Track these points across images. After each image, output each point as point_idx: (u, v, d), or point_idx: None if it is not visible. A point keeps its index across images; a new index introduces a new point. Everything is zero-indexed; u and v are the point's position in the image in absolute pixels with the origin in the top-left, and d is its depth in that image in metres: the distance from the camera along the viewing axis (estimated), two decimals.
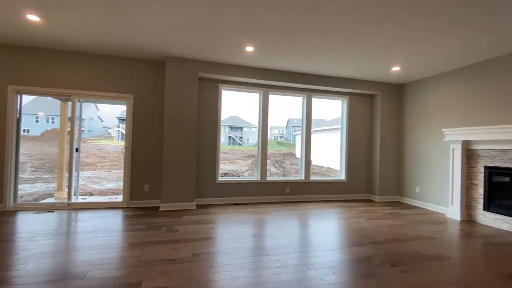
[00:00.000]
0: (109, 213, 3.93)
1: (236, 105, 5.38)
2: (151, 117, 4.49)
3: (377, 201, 5.41)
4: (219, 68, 4.49)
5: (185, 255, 2.50)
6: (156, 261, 2.35)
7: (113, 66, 4.31)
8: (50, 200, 4.81)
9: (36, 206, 4.07)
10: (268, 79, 4.75)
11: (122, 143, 10.68)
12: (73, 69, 4.14)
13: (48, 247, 2.59)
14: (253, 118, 5.57)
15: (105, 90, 4.26)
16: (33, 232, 3.01)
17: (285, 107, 5.90)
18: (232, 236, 3.06)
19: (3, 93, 3.87)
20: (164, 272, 2.15)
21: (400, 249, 2.82)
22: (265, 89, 5.02)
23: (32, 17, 3.00)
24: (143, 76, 4.44)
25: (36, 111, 17.16)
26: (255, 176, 5.12)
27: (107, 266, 2.23)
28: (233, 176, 7.93)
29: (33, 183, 7.32)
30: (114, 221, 3.53)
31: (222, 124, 4.90)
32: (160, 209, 4.19)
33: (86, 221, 3.50)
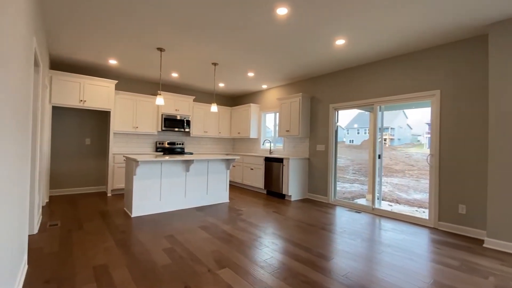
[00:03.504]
0: (412, 229, 3.46)
1: None
2: (466, 115, 3.34)
3: None
4: None
5: None
6: None
7: (411, 63, 3.85)
8: (362, 200, 5.39)
9: (348, 204, 4.73)
10: None
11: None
12: (374, 78, 4.31)
13: (350, 247, 2.78)
14: None
15: (405, 92, 3.92)
16: (342, 228, 3.44)
17: None
18: None
19: (327, 111, 5.04)
20: None
21: None
22: None
23: (340, 41, 3.54)
24: (449, 64, 3.47)
25: (353, 125, 21.27)
26: None
27: None
28: None
29: (352, 183, 8.88)
30: (417, 241, 3.01)
31: None
32: (484, 245, 2.91)
33: (386, 231, 3.36)
